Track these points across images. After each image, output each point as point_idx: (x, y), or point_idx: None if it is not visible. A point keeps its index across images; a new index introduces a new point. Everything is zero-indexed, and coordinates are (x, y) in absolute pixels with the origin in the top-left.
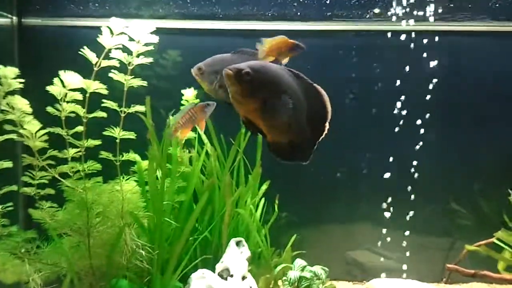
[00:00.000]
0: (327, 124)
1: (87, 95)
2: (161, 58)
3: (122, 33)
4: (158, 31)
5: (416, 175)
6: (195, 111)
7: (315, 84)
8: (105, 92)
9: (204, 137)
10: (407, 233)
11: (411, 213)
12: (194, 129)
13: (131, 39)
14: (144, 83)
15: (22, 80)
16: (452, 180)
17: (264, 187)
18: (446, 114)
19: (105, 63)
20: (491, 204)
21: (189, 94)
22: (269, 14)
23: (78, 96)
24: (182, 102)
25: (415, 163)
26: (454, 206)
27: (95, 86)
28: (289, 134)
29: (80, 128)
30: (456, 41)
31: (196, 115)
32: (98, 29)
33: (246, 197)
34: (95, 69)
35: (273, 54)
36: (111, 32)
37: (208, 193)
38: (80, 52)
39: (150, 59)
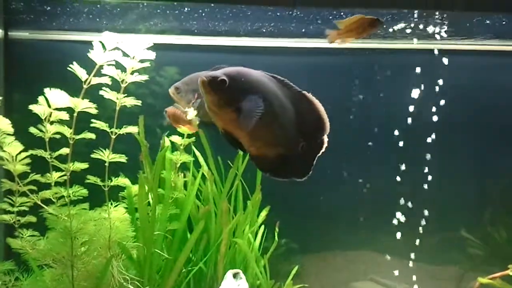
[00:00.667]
0: (325, 137)
1: (75, 114)
2: (158, 75)
3: (115, 48)
4: (155, 47)
5: (425, 202)
6: None
7: (304, 92)
8: (94, 111)
9: (200, 159)
10: (415, 262)
11: (419, 241)
12: (189, 151)
13: (125, 55)
14: (138, 102)
15: None
16: (464, 207)
17: (263, 213)
18: (456, 139)
19: (95, 80)
20: (506, 232)
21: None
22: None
23: (65, 115)
24: None
25: (424, 189)
26: (465, 234)
27: (83, 105)
28: (276, 146)
29: (65, 150)
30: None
31: None
32: (90, 44)
33: (245, 225)
34: (85, 86)
35: (352, 35)
36: (104, 47)
37: (204, 221)
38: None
39: (145, 77)
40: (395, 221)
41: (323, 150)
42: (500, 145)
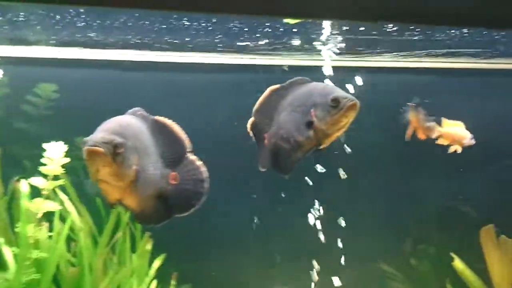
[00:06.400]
0: (189, 155)
1: None
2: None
3: None
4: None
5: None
6: None
7: (157, 118)
8: None
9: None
10: None
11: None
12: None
13: None
14: None
15: None
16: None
17: (157, 263)
18: None
19: None
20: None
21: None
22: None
23: None
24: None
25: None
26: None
27: None
28: (146, 191)
29: None
30: None
31: None
32: None
33: (131, 283)
34: None
35: None
36: None
37: None
38: None
39: None
40: (304, 252)
41: (204, 169)
42: None
